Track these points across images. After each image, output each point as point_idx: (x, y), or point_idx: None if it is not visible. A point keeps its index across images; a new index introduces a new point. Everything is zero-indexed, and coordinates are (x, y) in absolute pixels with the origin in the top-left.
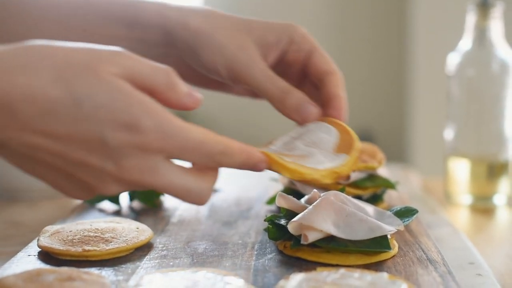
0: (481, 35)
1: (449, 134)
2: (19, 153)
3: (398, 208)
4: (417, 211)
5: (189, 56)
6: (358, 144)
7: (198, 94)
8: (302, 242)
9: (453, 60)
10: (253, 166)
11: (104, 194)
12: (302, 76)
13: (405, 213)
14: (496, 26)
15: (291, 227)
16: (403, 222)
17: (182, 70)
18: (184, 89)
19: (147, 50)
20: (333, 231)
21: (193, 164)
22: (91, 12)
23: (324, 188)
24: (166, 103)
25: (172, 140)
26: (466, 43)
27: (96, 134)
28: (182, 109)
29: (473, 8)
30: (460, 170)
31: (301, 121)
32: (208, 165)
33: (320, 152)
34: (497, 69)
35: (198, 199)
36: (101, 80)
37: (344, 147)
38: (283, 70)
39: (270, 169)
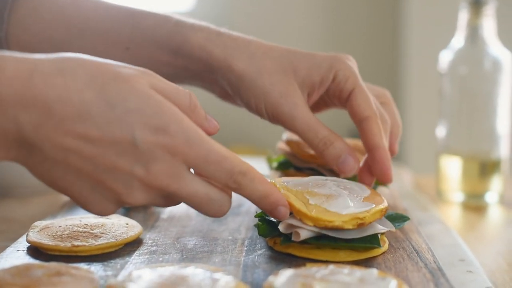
0: (474, 33)
1: (441, 131)
2: (51, 157)
3: (390, 213)
4: (408, 219)
5: (232, 92)
6: (385, 204)
7: (215, 120)
8: (294, 239)
9: (445, 57)
10: (272, 205)
11: (129, 203)
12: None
13: (396, 218)
14: (488, 24)
15: (282, 227)
16: (395, 227)
17: (225, 95)
18: (204, 113)
19: (191, 77)
20: (325, 231)
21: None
22: (135, 31)
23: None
24: None
25: (197, 148)
26: (458, 40)
27: (127, 136)
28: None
29: (466, 5)
30: (452, 167)
31: (340, 173)
32: (226, 183)
33: (348, 196)
34: (490, 67)
35: (219, 209)
36: (133, 86)
37: (372, 200)
38: (324, 102)
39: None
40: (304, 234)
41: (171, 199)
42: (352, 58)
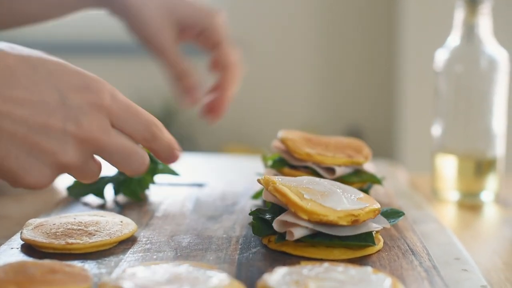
0: (470, 32)
1: (436, 130)
2: None
3: (385, 209)
4: (403, 214)
5: (120, 17)
6: (378, 205)
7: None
8: (288, 238)
9: (441, 56)
10: (172, 153)
11: (65, 162)
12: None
13: (391, 214)
14: (484, 23)
15: (276, 225)
16: (390, 223)
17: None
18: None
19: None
20: (319, 227)
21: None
22: None
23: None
24: None
25: (119, 101)
26: (454, 39)
27: (55, 95)
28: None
29: (462, 4)
30: (448, 166)
31: (191, 100)
32: (143, 135)
33: (343, 194)
34: (485, 65)
35: (142, 162)
36: (49, 57)
37: (365, 201)
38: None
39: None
40: (298, 233)
41: (98, 158)
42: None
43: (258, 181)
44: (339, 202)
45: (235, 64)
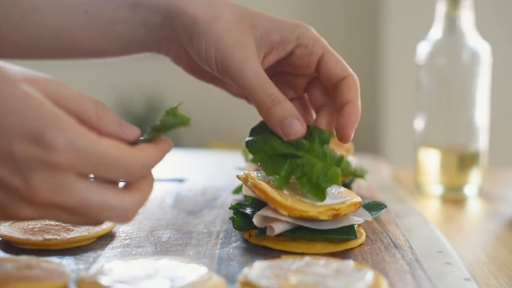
0: (452, 24)
1: (419, 124)
2: None
3: (367, 202)
4: (385, 206)
5: (186, 42)
6: (359, 199)
7: (133, 127)
8: (269, 234)
9: (423, 49)
10: (130, 212)
11: (20, 218)
12: (311, 81)
13: (373, 207)
14: (466, 15)
15: (256, 220)
16: (372, 215)
17: (181, 57)
18: (117, 120)
19: (149, 32)
20: (300, 221)
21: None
22: None
23: None
24: (97, 131)
25: (84, 156)
26: (436, 32)
27: (4, 144)
28: (118, 139)
29: None
30: (431, 160)
31: (283, 135)
32: (130, 181)
33: None
34: (468, 58)
35: (122, 216)
36: (16, 88)
37: (346, 194)
38: (289, 74)
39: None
40: (278, 228)
41: (66, 211)
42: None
43: (238, 177)
44: None
45: (352, 73)
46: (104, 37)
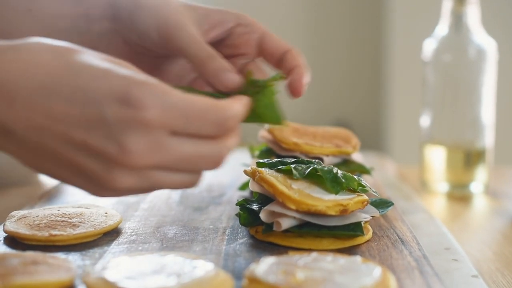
0: (458, 21)
1: (425, 121)
2: (27, 141)
3: (374, 200)
4: (392, 204)
5: (128, 25)
6: (366, 197)
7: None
8: (276, 229)
9: (429, 46)
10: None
11: (117, 188)
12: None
13: (381, 204)
14: (472, 12)
15: (263, 215)
16: (379, 212)
17: (123, 50)
18: None
19: (91, 26)
20: (307, 217)
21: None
22: None
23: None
24: None
25: (174, 112)
26: (442, 28)
27: (94, 109)
28: None
29: None
30: (436, 157)
31: (221, 87)
32: (220, 133)
33: None
34: (474, 55)
35: (215, 161)
36: (98, 57)
37: (353, 192)
38: (229, 56)
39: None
40: (285, 223)
41: (173, 171)
42: None
43: (245, 172)
44: (327, 192)
45: (292, 47)
46: (46, 32)
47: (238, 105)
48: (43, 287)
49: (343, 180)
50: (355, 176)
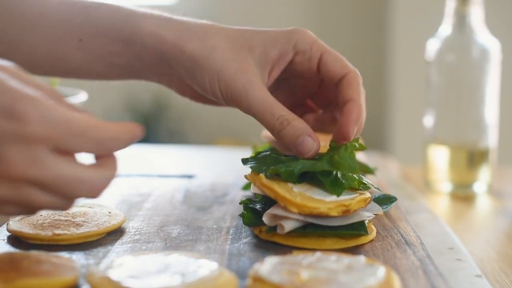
0: (461, 21)
1: (428, 121)
2: None
3: (377, 196)
4: (395, 199)
5: (187, 78)
6: (369, 194)
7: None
8: (278, 232)
9: (432, 46)
10: (137, 138)
11: None
12: (319, 83)
13: (384, 200)
14: (476, 12)
15: (266, 219)
16: (383, 209)
17: (185, 89)
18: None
19: (145, 67)
20: (310, 218)
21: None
22: (87, 22)
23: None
24: None
25: (56, 127)
26: (446, 28)
27: None
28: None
29: None
30: (440, 157)
31: (298, 154)
32: (99, 153)
33: None
34: (477, 55)
35: (92, 190)
36: None
37: (355, 190)
38: (295, 81)
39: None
40: (288, 226)
41: (48, 189)
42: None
43: (246, 177)
44: (329, 193)
45: (353, 69)
46: (101, 63)
47: (121, 128)
48: (47, 286)
49: (343, 181)
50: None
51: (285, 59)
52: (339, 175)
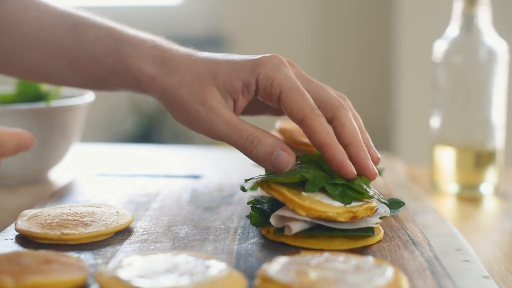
0: (469, 22)
1: (435, 122)
2: None
3: (384, 200)
4: (404, 204)
5: (163, 107)
6: (375, 203)
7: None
8: (286, 233)
9: (440, 47)
10: (27, 147)
11: None
12: None
13: (392, 204)
14: (483, 13)
15: (273, 220)
16: (391, 213)
17: None
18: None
19: (131, 90)
20: (318, 221)
21: None
22: (77, 46)
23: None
24: None
25: None
26: (453, 30)
27: None
28: None
29: None
30: (446, 158)
31: (275, 170)
32: None
33: None
34: (485, 56)
35: None
36: None
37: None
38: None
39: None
40: (296, 227)
41: None
42: (280, 57)
43: (254, 182)
44: None
45: (307, 113)
46: (91, 82)
47: (8, 134)
48: (56, 286)
49: (351, 194)
50: (363, 186)
51: (249, 90)
52: (347, 188)
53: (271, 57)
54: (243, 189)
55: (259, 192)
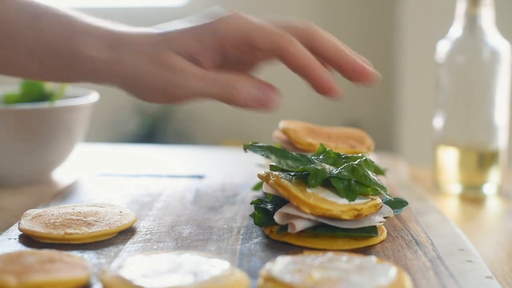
0: (472, 23)
1: (438, 122)
2: None
3: (388, 199)
4: (407, 203)
5: (124, 91)
6: (380, 200)
7: None
8: (290, 231)
9: (443, 47)
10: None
11: None
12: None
13: (395, 204)
14: (487, 13)
15: (277, 217)
16: (394, 213)
17: None
18: None
19: (89, 81)
20: (322, 219)
21: None
22: (38, 39)
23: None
24: None
25: None
26: (456, 30)
27: None
28: None
29: None
30: (449, 159)
31: (266, 109)
32: None
33: None
34: (488, 56)
35: None
36: None
37: (367, 196)
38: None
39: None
40: (300, 225)
41: None
42: (235, 11)
43: (259, 176)
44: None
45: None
46: (54, 76)
47: None
48: (60, 285)
49: (356, 188)
50: (372, 175)
51: (214, 50)
52: (352, 182)
53: (226, 14)
54: (245, 148)
55: (263, 189)
